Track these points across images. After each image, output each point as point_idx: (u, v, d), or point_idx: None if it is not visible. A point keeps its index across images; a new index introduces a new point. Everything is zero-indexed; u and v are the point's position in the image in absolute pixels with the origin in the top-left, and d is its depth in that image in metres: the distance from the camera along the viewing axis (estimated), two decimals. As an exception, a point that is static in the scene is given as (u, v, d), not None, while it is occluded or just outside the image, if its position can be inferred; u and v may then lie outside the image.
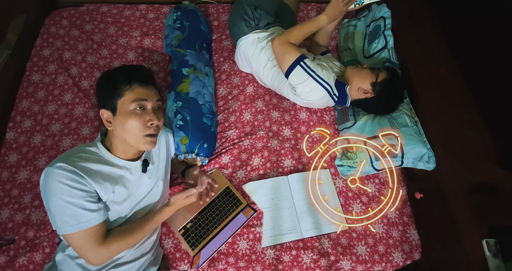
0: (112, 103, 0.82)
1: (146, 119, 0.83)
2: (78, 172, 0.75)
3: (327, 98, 1.18)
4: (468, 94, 1.17)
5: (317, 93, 1.16)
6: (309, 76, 1.13)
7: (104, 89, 0.84)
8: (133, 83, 0.83)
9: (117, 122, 0.82)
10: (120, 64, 1.39)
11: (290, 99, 1.31)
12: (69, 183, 0.73)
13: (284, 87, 1.26)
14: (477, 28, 1.19)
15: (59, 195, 0.72)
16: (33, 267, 1.00)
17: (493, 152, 1.06)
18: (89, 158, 0.80)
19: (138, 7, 1.58)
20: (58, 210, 0.73)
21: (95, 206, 0.77)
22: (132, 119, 0.81)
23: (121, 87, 0.82)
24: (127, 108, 0.81)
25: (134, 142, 0.83)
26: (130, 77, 0.83)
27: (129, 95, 0.82)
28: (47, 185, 0.73)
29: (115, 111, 0.82)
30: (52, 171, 0.73)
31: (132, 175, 0.87)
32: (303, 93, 1.18)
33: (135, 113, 0.82)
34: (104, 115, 0.84)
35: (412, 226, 1.19)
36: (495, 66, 1.13)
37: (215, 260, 1.05)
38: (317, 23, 1.14)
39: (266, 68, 1.26)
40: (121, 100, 0.82)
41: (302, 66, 1.12)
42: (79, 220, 0.74)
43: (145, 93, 0.84)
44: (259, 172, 1.22)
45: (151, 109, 0.85)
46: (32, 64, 1.39)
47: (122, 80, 0.82)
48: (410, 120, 1.17)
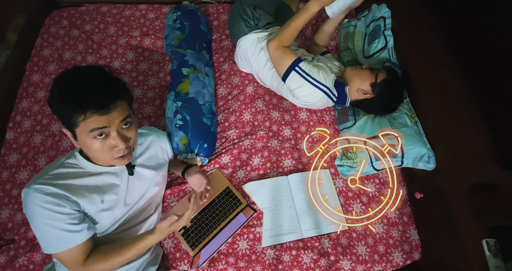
0: (69, 128, 0.71)
1: (110, 145, 0.73)
2: (57, 193, 0.72)
3: (326, 99, 1.18)
4: (468, 94, 1.17)
5: (315, 96, 1.16)
6: (305, 81, 1.13)
7: (56, 112, 0.71)
8: (88, 112, 0.67)
9: (81, 145, 0.74)
10: (94, 63, 1.33)
11: (290, 100, 1.32)
12: (48, 206, 0.71)
13: (284, 87, 1.26)
14: (477, 28, 1.19)
15: (40, 218, 0.71)
16: (33, 267, 1.00)
17: (493, 152, 1.06)
18: (68, 173, 0.77)
19: (138, 7, 1.58)
20: (40, 231, 0.73)
21: (78, 227, 0.75)
22: (94, 147, 0.71)
23: (74, 117, 0.67)
24: (86, 138, 0.70)
25: (104, 162, 0.80)
26: (83, 104, 0.66)
27: (84, 125, 0.68)
28: (27, 207, 0.72)
29: (75, 138, 0.72)
30: (29, 193, 0.71)
31: (119, 178, 0.84)
32: (301, 96, 1.18)
33: (96, 141, 0.71)
34: (68, 133, 0.74)
35: (412, 226, 1.19)
36: (495, 66, 1.13)
37: (215, 260, 1.05)
38: (307, 12, 1.08)
39: (266, 69, 1.26)
40: (77, 129, 0.70)
41: (297, 71, 1.12)
42: (61, 241, 0.73)
43: (104, 120, 0.69)
44: (259, 172, 1.22)
45: (116, 134, 0.72)
46: (32, 64, 1.39)
47: (74, 109, 0.67)
48: (410, 120, 1.17)
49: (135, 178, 0.89)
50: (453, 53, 1.24)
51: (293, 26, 1.11)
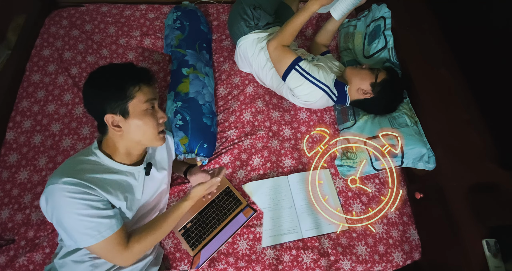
0: (122, 106, 0.78)
1: (158, 116, 0.84)
2: (86, 184, 0.72)
3: (326, 98, 1.18)
4: (468, 94, 1.17)
5: (315, 95, 1.16)
6: (305, 79, 1.13)
7: (108, 93, 0.77)
8: (141, 83, 0.80)
9: (130, 125, 0.79)
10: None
11: (290, 100, 1.31)
12: (80, 196, 0.71)
13: (284, 87, 1.26)
14: (477, 28, 1.19)
15: (73, 210, 0.70)
16: (33, 267, 1.00)
17: (493, 152, 1.06)
18: (92, 168, 0.78)
19: (138, 7, 1.58)
20: (75, 226, 0.71)
21: (112, 212, 0.76)
22: (147, 119, 0.81)
23: (130, 89, 0.78)
24: (141, 109, 0.80)
25: (148, 140, 0.84)
26: (137, 77, 0.80)
27: (140, 96, 0.79)
28: (56, 203, 0.70)
29: (127, 114, 0.78)
30: (58, 187, 0.70)
31: (136, 180, 0.86)
32: (301, 96, 1.18)
33: (149, 112, 0.82)
34: (110, 120, 0.78)
35: (412, 226, 1.19)
36: (495, 66, 1.13)
37: (215, 260, 1.05)
38: (307, 11, 1.08)
39: (266, 68, 1.26)
40: (132, 102, 0.78)
41: (297, 70, 1.12)
42: (99, 230, 0.72)
43: (152, 93, 0.84)
44: (259, 172, 1.22)
45: (158, 107, 0.86)
46: (32, 64, 1.39)
47: (130, 81, 0.78)
48: (410, 120, 1.17)
49: (148, 180, 0.91)
50: (453, 53, 1.24)
51: (293, 25, 1.11)
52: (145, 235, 0.81)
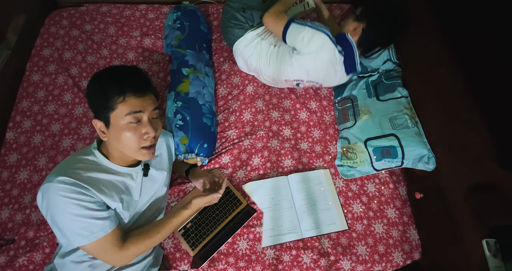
0: (104, 115, 0.75)
1: (141, 132, 0.77)
2: (81, 184, 0.72)
3: (332, 47, 1.11)
4: (468, 94, 1.17)
5: (319, 39, 1.10)
6: (305, 26, 1.12)
7: (94, 99, 0.76)
8: (126, 94, 0.73)
9: (111, 134, 0.77)
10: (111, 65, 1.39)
11: (295, 75, 1.23)
12: (74, 196, 0.70)
13: (287, 65, 1.20)
14: (477, 28, 1.19)
15: (67, 210, 0.70)
16: (33, 267, 1.00)
17: (493, 152, 1.06)
18: (88, 168, 0.77)
19: (138, 7, 1.58)
20: (68, 225, 0.71)
21: (106, 213, 0.75)
22: (126, 133, 0.75)
23: (113, 99, 0.73)
24: (121, 122, 0.74)
25: (130, 154, 0.79)
26: (122, 86, 0.74)
27: (122, 108, 0.73)
28: (51, 202, 0.70)
29: (108, 124, 0.75)
30: (53, 186, 0.70)
31: (134, 181, 0.85)
32: (304, 47, 1.13)
33: (129, 127, 0.75)
34: (97, 125, 0.77)
35: (412, 226, 1.19)
36: (495, 65, 1.12)
37: (215, 260, 1.05)
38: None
39: (267, 55, 1.26)
40: (113, 113, 0.74)
41: (295, 22, 1.14)
42: (92, 231, 0.72)
43: (140, 104, 0.75)
44: (259, 172, 1.22)
45: (147, 121, 0.77)
46: (32, 64, 1.39)
47: (114, 91, 0.73)
48: (411, 121, 1.17)
49: (147, 181, 0.90)
50: (453, 53, 1.24)
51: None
52: (142, 238, 0.81)
